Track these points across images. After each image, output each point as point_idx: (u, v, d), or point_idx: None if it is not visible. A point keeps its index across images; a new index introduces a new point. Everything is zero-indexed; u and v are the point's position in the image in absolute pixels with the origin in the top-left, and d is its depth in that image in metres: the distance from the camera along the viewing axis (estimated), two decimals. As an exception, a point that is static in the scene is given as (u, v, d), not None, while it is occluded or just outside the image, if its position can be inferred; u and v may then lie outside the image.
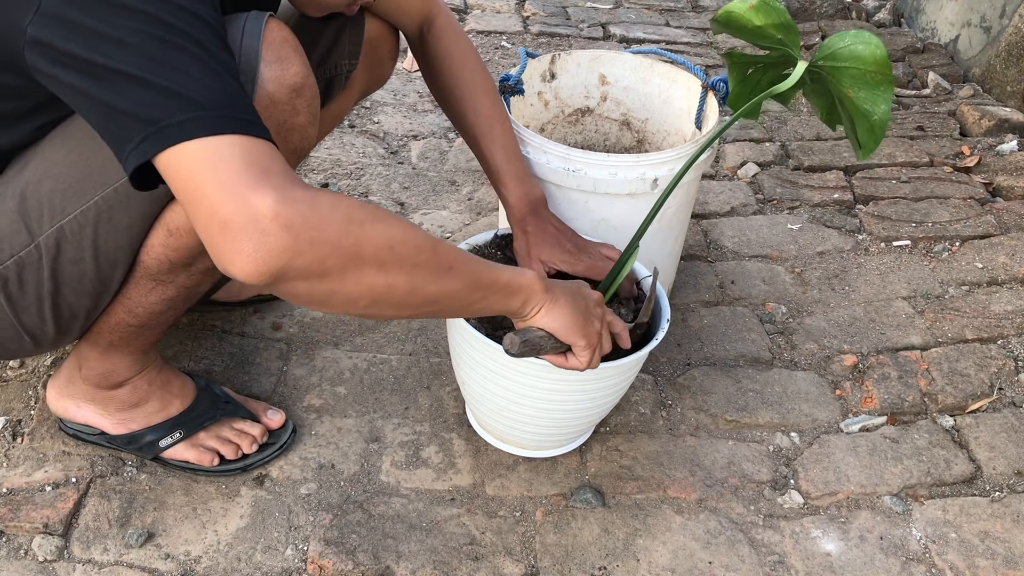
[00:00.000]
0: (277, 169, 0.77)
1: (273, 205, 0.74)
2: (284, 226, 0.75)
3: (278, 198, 0.74)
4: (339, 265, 0.79)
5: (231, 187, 0.75)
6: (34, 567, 1.10)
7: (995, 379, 1.48)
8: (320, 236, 0.77)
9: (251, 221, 0.74)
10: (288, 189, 0.76)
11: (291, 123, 1.02)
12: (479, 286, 0.93)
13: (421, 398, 1.38)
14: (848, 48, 1.00)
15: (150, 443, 1.21)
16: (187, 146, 0.76)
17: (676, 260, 1.57)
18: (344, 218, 0.79)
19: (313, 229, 0.76)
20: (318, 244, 0.77)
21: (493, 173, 1.28)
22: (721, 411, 1.40)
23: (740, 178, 1.99)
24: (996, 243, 1.79)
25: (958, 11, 2.55)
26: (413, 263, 0.84)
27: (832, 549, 1.20)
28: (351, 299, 0.82)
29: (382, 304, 0.85)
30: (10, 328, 1.04)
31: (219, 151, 0.76)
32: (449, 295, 0.90)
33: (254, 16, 1.00)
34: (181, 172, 0.77)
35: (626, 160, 1.31)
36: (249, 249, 0.74)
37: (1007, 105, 2.29)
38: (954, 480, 1.31)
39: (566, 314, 1.02)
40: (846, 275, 1.71)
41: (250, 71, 0.97)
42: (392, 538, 1.17)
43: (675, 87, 1.55)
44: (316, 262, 0.77)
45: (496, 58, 2.47)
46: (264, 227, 0.74)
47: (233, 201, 0.74)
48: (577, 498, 1.24)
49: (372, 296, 0.83)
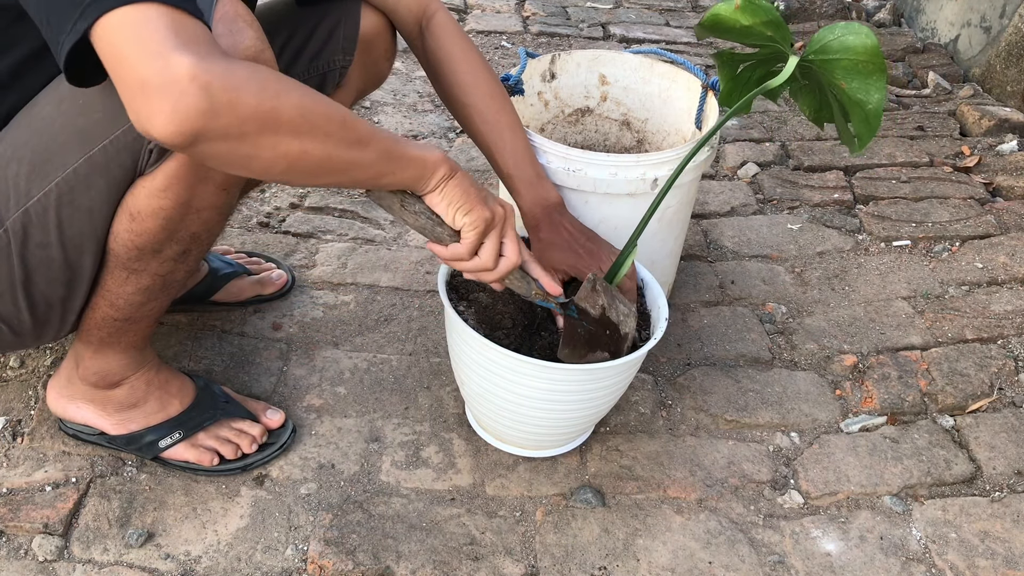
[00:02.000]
0: (202, 40, 0.78)
1: (191, 67, 0.75)
2: (201, 87, 0.76)
3: (197, 61, 0.76)
4: (255, 130, 0.81)
5: (152, 48, 0.76)
6: (34, 567, 1.10)
7: (995, 379, 1.48)
8: (237, 99, 0.78)
9: (169, 81, 0.75)
10: (208, 56, 0.77)
11: None
12: (390, 158, 0.95)
13: (421, 398, 1.38)
14: (839, 40, 0.99)
15: (150, 443, 1.21)
16: (116, 13, 0.77)
17: (676, 260, 1.57)
18: (260, 85, 0.80)
19: (230, 91, 0.78)
20: (235, 107, 0.79)
21: (505, 179, 1.27)
22: (721, 411, 1.40)
23: (740, 178, 1.99)
24: (996, 243, 1.79)
25: (958, 11, 2.55)
26: (326, 131, 0.87)
27: (832, 549, 1.20)
28: (268, 164, 0.85)
29: (297, 171, 0.88)
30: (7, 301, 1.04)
31: (147, 16, 0.77)
32: (361, 164, 0.93)
33: None
34: (108, 40, 0.78)
35: (626, 160, 1.31)
36: (167, 109, 0.76)
37: (1007, 105, 2.29)
38: (954, 480, 1.31)
39: (457, 192, 1.02)
40: (846, 275, 1.71)
41: None
42: (392, 538, 1.17)
43: (675, 87, 1.55)
44: (233, 125, 0.79)
45: (496, 58, 2.47)
46: (182, 88, 0.75)
47: (153, 62, 0.76)
48: (577, 498, 1.24)
49: (288, 161, 0.85)
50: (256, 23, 1.00)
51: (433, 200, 1.01)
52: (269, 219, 1.74)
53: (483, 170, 1.93)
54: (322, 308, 1.54)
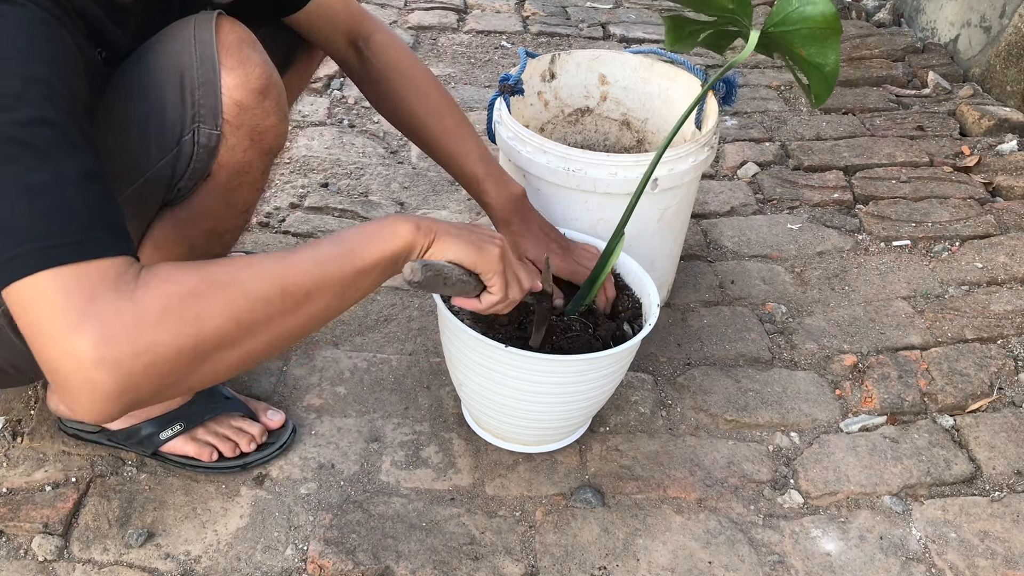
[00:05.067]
0: (107, 287, 0.70)
1: (93, 349, 0.68)
2: (111, 369, 0.69)
3: (98, 337, 0.68)
4: (185, 371, 0.73)
5: (51, 332, 0.69)
6: (34, 567, 1.10)
7: (995, 379, 1.48)
8: (153, 357, 0.70)
9: (75, 370, 0.69)
10: (112, 316, 0.69)
11: (263, 126, 1.00)
12: (349, 285, 0.84)
13: (421, 398, 1.38)
14: (797, 11, 1.01)
15: (150, 435, 1.21)
16: (12, 289, 0.70)
17: (676, 260, 1.57)
18: (177, 319, 0.72)
19: (143, 355, 0.70)
20: (154, 367, 0.71)
21: (474, 181, 1.27)
22: (721, 411, 1.40)
23: (740, 178, 1.99)
24: (996, 243, 1.79)
25: (958, 11, 2.55)
26: (267, 318, 0.77)
27: (832, 549, 1.20)
28: (219, 376, 0.77)
29: (255, 360, 0.79)
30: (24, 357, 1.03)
31: (42, 290, 0.69)
32: (319, 316, 0.83)
33: (203, 20, 0.96)
34: (14, 313, 0.72)
35: (626, 160, 1.31)
36: (84, 400, 0.70)
37: (1007, 105, 2.29)
38: (954, 480, 1.31)
39: (454, 245, 0.92)
40: (846, 275, 1.71)
41: (210, 82, 0.94)
42: (392, 538, 1.17)
43: (675, 87, 1.55)
44: (158, 383, 0.72)
45: (496, 58, 2.47)
46: (90, 376, 0.69)
47: (54, 349, 0.69)
48: (577, 498, 1.24)
49: (240, 365, 0.78)
50: (258, 44, 0.98)
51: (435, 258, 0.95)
52: (269, 219, 1.74)
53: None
54: (322, 308, 1.54)
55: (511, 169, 1.42)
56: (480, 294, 1.00)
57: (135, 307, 0.70)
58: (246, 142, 0.99)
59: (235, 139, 0.98)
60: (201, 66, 0.94)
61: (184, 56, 0.95)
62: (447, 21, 2.64)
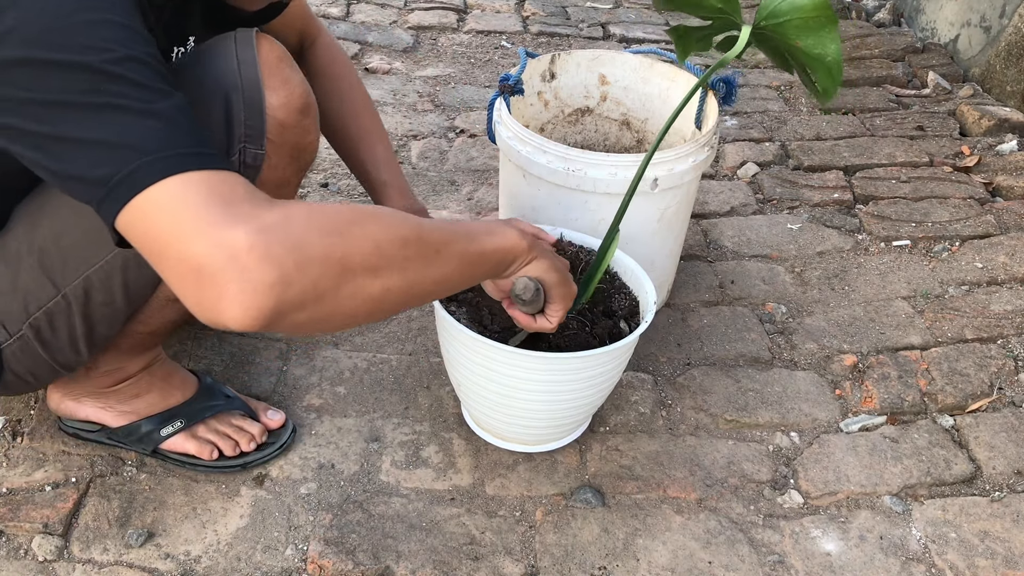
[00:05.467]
0: (240, 196, 0.71)
1: (247, 237, 0.67)
2: (264, 257, 0.67)
3: (250, 228, 0.67)
4: (332, 284, 0.72)
5: (196, 227, 0.68)
6: (34, 567, 1.10)
7: (995, 379, 1.48)
8: (305, 257, 0.70)
9: (228, 260, 0.67)
10: (257, 215, 0.69)
11: (303, 143, 1.02)
12: (471, 262, 0.88)
13: (421, 398, 1.38)
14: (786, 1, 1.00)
15: (150, 432, 1.21)
16: (138, 199, 0.70)
17: (676, 260, 1.57)
18: (323, 230, 0.72)
19: (296, 251, 0.69)
20: (305, 266, 0.70)
21: (379, 187, 1.29)
22: (721, 411, 1.40)
23: (740, 178, 1.99)
24: (996, 243, 1.79)
25: (958, 11, 2.55)
26: (404, 258, 0.78)
27: (832, 549, 1.20)
28: (351, 315, 0.76)
29: (382, 310, 0.79)
30: (45, 366, 1.07)
31: (173, 194, 0.69)
32: (444, 280, 0.84)
33: (243, 40, 0.98)
34: (139, 227, 0.71)
35: (626, 160, 1.31)
36: (233, 291, 0.67)
37: (1007, 105, 2.29)
38: (954, 480, 1.31)
39: (548, 265, 0.99)
40: (846, 275, 1.71)
41: (255, 102, 0.96)
42: (392, 538, 1.17)
43: (675, 87, 1.55)
44: (309, 287, 0.70)
45: (496, 58, 2.47)
46: (243, 264, 0.67)
47: (201, 242, 0.67)
48: (577, 498, 1.24)
49: (371, 305, 0.77)
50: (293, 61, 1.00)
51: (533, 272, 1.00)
52: (269, 219, 1.74)
53: (482, 170, 1.93)
54: (322, 308, 1.54)
55: (511, 169, 1.42)
56: (537, 315, 1.06)
57: (281, 211, 0.70)
58: (287, 159, 1.02)
59: (277, 158, 1.01)
60: (246, 88, 0.96)
61: (229, 77, 0.96)
62: (447, 21, 2.64)
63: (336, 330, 0.79)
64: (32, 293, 1.00)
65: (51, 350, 1.05)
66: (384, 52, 2.44)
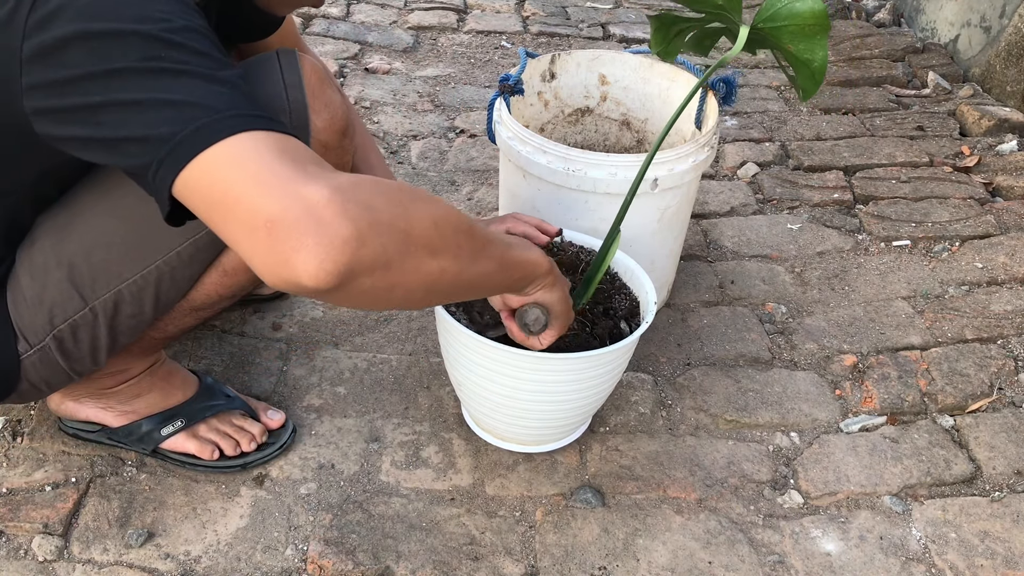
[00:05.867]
0: (310, 159, 0.70)
1: (324, 191, 0.65)
2: (341, 212, 0.65)
3: (325, 183, 0.66)
4: (398, 252, 0.70)
5: (270, 181, 0.66)
6: (34, 567, 1.10)
7: (995, 379, 1.48)
8: (377, 219, 0.68)
9: (305, 212, 0.65)
10: (329, 176, 0.68)
11: (342, 163, 1.03)
12: (506, 266, 0.89)
13: (421, 398, 1.38)
14: (787, 7, 1.02)
15: (150, 432, 1.21)
16: (207, 154, 0.69)
17: (676, 260, 1.57)
18: (389, 199, 0.71)
19: (370, 212, 0.67)
20: (378, 229, 0.68)
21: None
22: (721, 411, 1.40)
23: (740, 178, 1.99)
24: (996, 243, 1.79)
25: (958, 11, 2.55)
26: (457, 244, 0.78)
27: (832, 549, 1.20)
28: (410, 291, 0.75)
29: (435, 292, 0.78)
30: (61, 375, 1.07)
31: (244, 149, 0.68)
32: (485, 277, 0.85)
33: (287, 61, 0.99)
34: (204, 183, 0.69)
35: (626, 160, 1.31)
36: (311, 244, 0.64)
37: (1007, 105, 2.29)
38: (954, 480, 1.31)
39: (560, 296, 1.03)
40: (846, 275, 1.71)
41: (302, 125, 0.98)
42: (392, 538, 1.17)
43: (675, 87, 1.55)
44: (379, 250, 0.68)
45: (496, 58, 2.47)
46: (321, 216, 0.65)
47: (277, 194, 0.65)
48: (577, 498, 1.24)
49: (427, 284, 0.76)
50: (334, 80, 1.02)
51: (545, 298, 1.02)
52: (269, 219, 1.74)
53: (482, 170, 1.93)
54: (322, 308, 1.54)
55: (511, 169, 1.42)
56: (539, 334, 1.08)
57: (349, 176, 0.70)
58: None
59: None
60: (293, 111, 0.97)
61: (277, 101, 0.97)
62: (447, 21, 2.64)
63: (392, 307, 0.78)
64: (59, 305, 1.01)
65: (71, 360, 1.05)
66: (384, 52, 2.44)
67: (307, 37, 2.48)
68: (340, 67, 2.34)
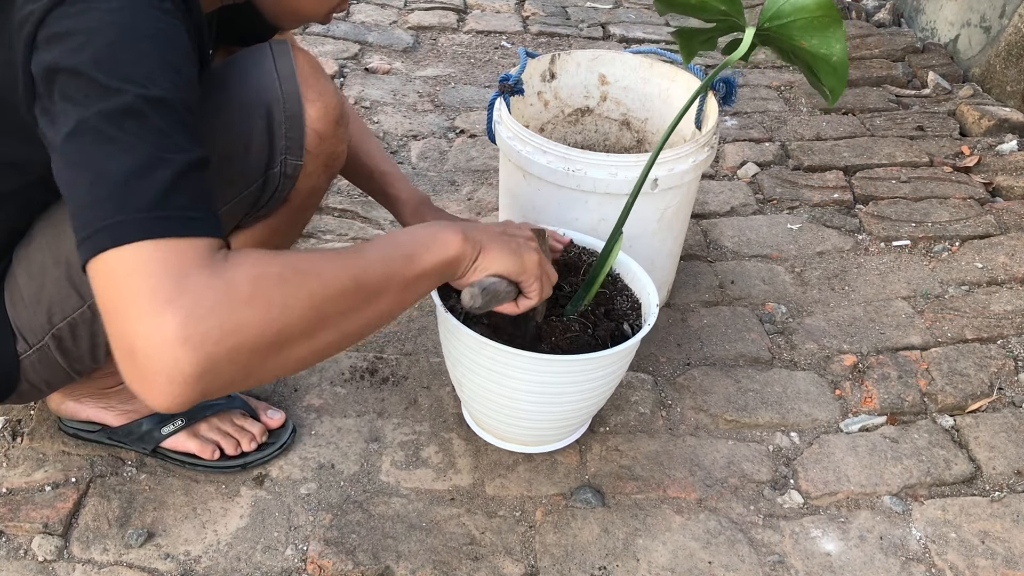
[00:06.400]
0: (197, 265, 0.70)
1: (181, 326, 0.67)
2: (196, 347, 0.67)
3: (188, 314, 0.67)
4: (266, 355, 0.73)
5: (141, 306, 0.68)
6: (34, 567, 1.10)
7: (995, 379, 1.48)
8: (239, 343, 0.69)
9: (160, 347, 0.67)
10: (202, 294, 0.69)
11: (336, 152, 1.04)
12: (410, 287, 0.87)
13: (421, 398, 1.38)
14: (789, 2, 1.00)
15: (150, 431, 1.21)
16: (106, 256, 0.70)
17: (676, 260, 1.57)
18: (266, 303, 0.72)
19: (231, 336, 0.69)
20: (238, 351, 0.70)
21: (380, 176, 1.30)
22: (721, 411, 1.40)
23: (740, 178, 1.99)
24: (996, 243, 1.79)
25: (958, 11, 2.55)
26: (340, 312, 0.78)
27: (832, 549, 1.20)
28: (286, 369, 0.77)
29: (321, 356, 0.80)
30: (61, 375, 1.07)
31: (136, 261, 0.69)
32: (386, 312, 0.85)
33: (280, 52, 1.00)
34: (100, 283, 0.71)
35: (626, 160, 1.31)
36: (162, 382, 0.68)
37: (1007, 105, 2.29)
38: (954, 480, 1.31)
39: (499, 258, 0.96)
40: (846, 275, 1.71)
41: (296, 114, 0.98)
42: (392, 538, 1.17)
43: (675, 87, 1.55)
44: (238, 371, 0.71)
45: (496, 58, 2.47)
46: (175, 355, 0.67)
47: (143, 323, 0.67)
48: (577, 498, 1.24)
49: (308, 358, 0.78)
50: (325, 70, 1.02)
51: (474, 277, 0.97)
52: (269, 219, 1.74)
53: (482, 170, 1.93)
54: (322, 308, 1.54)
55: (511, 169, 1.42)
56: (517, 299, 1.03)
57: (226, 286, 0.70)
58: (321, 168, 1.04)
59: (313, 166, 1.03)
60: (287, 101, 0.98)
61: (270, 91, 0.98)
62: (447, 21, 2.64)
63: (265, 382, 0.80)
64: (57, 304, 1.01)
65: (70, 358, 1.05)
66: (384, 52, 2.44)
67: (307, 37, 2.48)
68: (340, 67, 2.34)
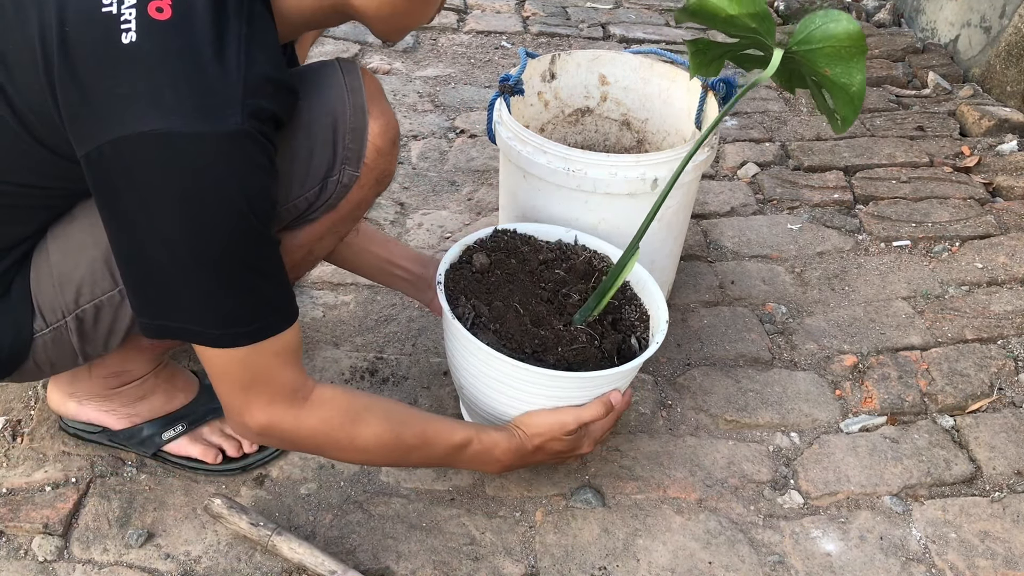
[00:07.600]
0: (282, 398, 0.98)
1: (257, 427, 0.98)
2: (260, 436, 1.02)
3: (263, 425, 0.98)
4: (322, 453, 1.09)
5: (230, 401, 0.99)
6: (34, 567, 1.10)
7: (995, 379, 1.48)
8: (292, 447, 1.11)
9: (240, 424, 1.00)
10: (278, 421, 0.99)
11: (389, 170, 1.09)
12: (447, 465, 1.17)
13: (421, 398, 1.38)
14: (820, 29, 0.99)
15: (151, 436, 1.21)
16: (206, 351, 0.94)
17: (676, 260, 1.57)
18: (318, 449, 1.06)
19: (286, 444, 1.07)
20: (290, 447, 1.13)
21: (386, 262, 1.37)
22: (721, 411, 1.40)
23: (740, 178, 1.99)
24: (996, 243, 1.79)
25: (958, 11, 2.55)
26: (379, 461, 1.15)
27: (832, 549, 1.20)
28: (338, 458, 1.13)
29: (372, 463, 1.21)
30: (69, 356, 1.07)
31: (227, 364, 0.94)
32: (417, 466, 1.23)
33: (349, 68, 1.05)
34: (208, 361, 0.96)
35: (626, 160, 1.31)
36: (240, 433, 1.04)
37: (1007, 105, 2.29)
38: (954, 480, 1.31)
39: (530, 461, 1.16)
40: (846, 275, 1.71)
41: (360, 129, 1.03)
42: (392, 538, 1.17)
43: (675, 87, 1.55)
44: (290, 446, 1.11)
45: (496, 58, 2.47)
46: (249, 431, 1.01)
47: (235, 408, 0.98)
48: (577, 498, 1.24)
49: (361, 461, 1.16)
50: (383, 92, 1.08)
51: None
52: (269, 219, 1.73)
53: (482, 170, 1.93)
54: (322, 308, 1.54)
55: (511, 169, 1.42)
56: None
57: (297, 425, 1.00)
58: (372, 182, 1.08)
59: (367, 180, 1.07)
60: (354, 114, 1.02)
61: (339, 103, 1.02)
62: (447, 21, 2.64)
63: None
64: (87, 285, 1.00)
65: (86, 341, 1.05)
66: (384, 52, 2.44)
67: (307, 37, 2.47)
68: (340, 67, 2.33)
